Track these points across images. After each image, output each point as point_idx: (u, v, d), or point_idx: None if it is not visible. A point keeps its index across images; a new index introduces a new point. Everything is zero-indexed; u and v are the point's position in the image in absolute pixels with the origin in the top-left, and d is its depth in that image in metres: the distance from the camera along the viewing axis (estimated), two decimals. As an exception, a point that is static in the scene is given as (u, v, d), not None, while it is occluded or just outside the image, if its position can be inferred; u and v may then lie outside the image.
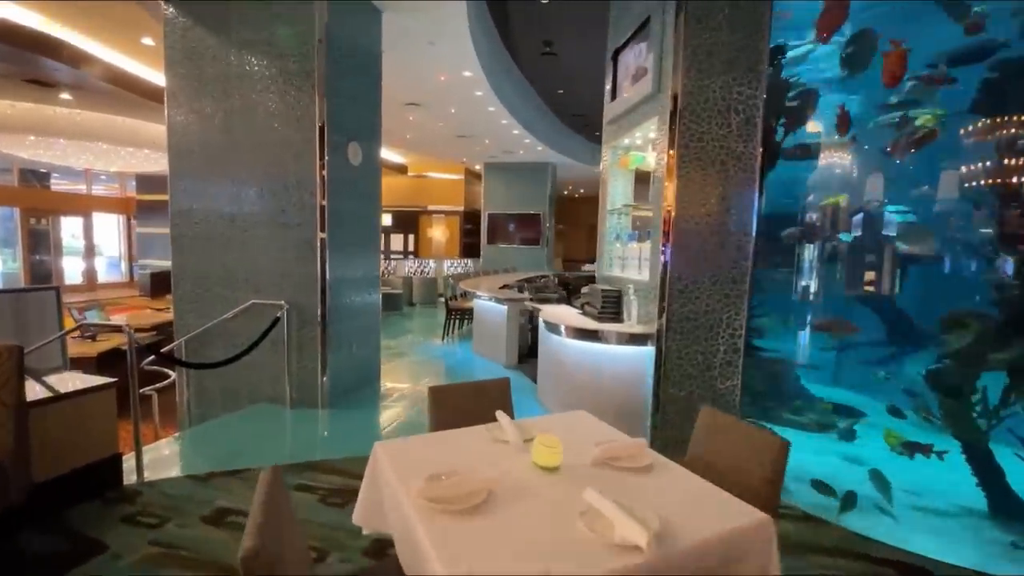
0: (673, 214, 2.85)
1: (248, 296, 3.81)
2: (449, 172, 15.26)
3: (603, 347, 3.25)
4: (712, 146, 2.82)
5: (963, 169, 2.81)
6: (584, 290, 4.14)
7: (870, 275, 3.28)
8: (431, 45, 5.56)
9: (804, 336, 3.62)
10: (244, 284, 3.84)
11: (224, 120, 3.77)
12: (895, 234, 3.12)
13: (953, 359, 2.72)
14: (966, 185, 2.81)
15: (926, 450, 2.79)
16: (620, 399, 3.19)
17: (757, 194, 2.84)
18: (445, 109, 8.05)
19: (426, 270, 11.96)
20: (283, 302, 3.78)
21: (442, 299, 10.67)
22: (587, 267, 15.24)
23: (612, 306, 3.51)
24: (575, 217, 19.92)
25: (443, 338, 7.04)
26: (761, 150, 2.82)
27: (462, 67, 6.27)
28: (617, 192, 3.89)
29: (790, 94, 3.28)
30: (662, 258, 2.89)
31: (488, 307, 5.79)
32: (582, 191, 18.46)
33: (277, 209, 3.79)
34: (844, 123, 3.23)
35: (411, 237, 16.35)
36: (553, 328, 3.52)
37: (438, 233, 16.07)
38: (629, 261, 3.74)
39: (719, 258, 2.86)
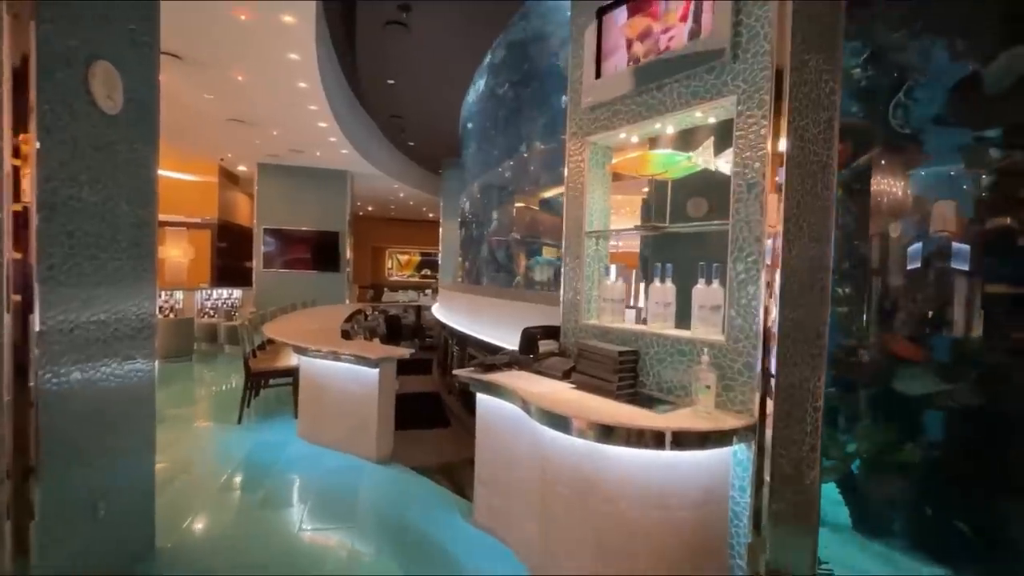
0: (779, 240, 1.88)
1: None
2: (194, 172, 11.34)
3: (652, 455, 1.98)
4: (814, 147, 1.98)
5: None
6: (548, 347, 2.82)
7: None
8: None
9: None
10: None
11: None
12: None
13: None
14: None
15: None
16: (685, 539, 1.99)
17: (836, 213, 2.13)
18: (225, 71, 5.46)
19: (174, 305, 8.29)
20: None
21: (212, 343, 7.54)
22: (398, 296, 13.45)
23: (629, 378, 2.31)
24: (358, 237, 17.72)
25: (240, 419, 4.50)
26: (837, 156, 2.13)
27: (277, 6, 4.15)
28: (595, 207, 2.75)
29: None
30: (766, 302, 1.88)
31: (334, 372, 3.79)
32: (370, 208, 16.48)
33: None
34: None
35: (129, 257, 11.51)
36: (559, 423, 2.07)
37: (177, 252, 11.75)
38: (617, 305, 2.62)
39: (822, 302, 2.03)
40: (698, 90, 2.15)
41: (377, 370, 3.59)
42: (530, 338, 2.90)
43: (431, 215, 17.80)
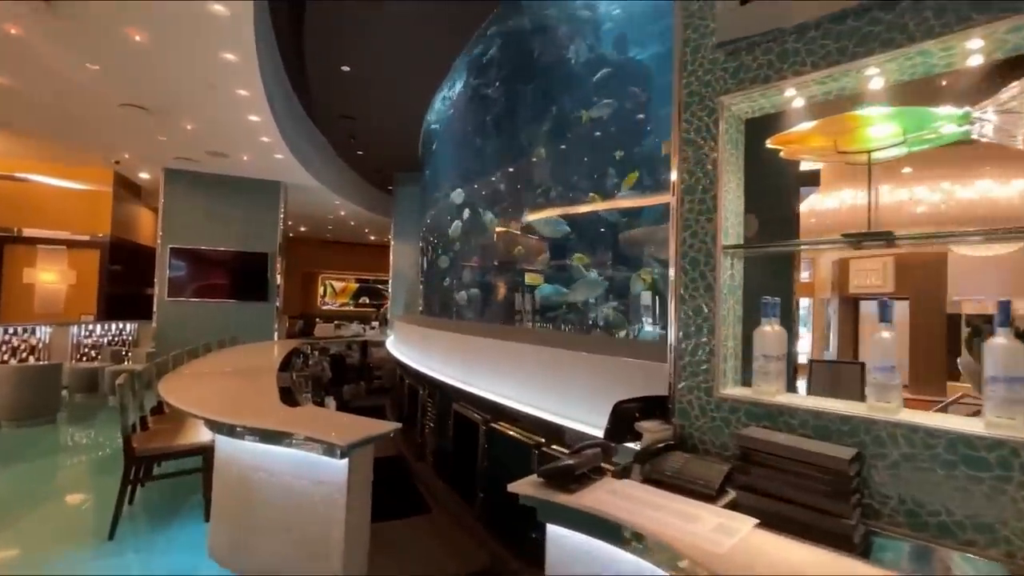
0: None
1: None
2: (80, 178, 9.24)
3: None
4: None
5: None
6: (655, 432, 1.72)
7: None
8: None
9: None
10: None
11: None
12: None
13: None
14: None
15: None
16: None
17: None
18: (115, 27, 3.99)
19: (37, 344, 6.25)
20: None
21: (91, 393, 5.72)
22: (341, 330, 11.74)
23: (857, 503, 1.28)
24: (287, 261, 15.74)
25: (114, 532, 2.92)
26: None
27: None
28: (730, 208, 1.73)
29: None
30: None
31: (274, 459, 2.43)
32: (303, 229, 14.68)
33: None
34: None
35: (-17, 283, 9.05)
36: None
37: (51, 277, 9.42)
38: (776, 364, 1.59)
39: None
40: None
41: (345, 461, 2.28)
42: (626, 418, 1.79)
43: (373, 237, 16.26)
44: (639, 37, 3.52)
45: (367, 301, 18.70)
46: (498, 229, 5.24)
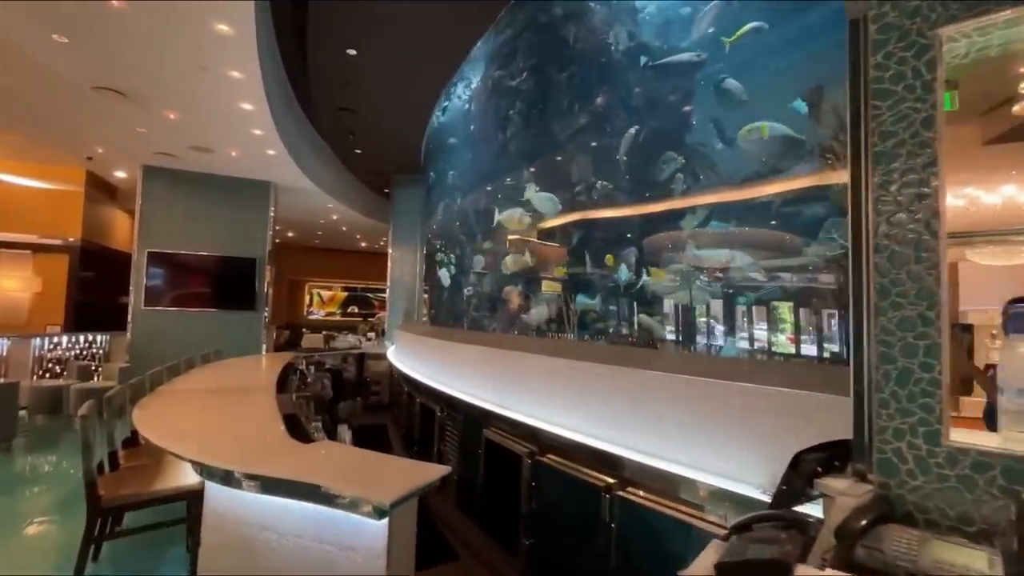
0: None
1: None
2: (47, 177, 8.49)
3: None
4: None
5: None
6: (847, 490, 1.22)
7: None
8: None
9: None
10: None
11: None
12: None
13: None
14: None
15: None
16: None
17: None
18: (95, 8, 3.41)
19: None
20: None
21: (55, 414, 5.09)
22: (335, 340, 11.05)
23: None
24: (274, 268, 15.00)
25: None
26: None
27: None
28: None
29: None
30: None
31: (283, 514, 1.87)
32: (291, 235, 13.97)
33: None
34: None
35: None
36: None
37: (13, 284, 8.59)
38: None
39: None
40: None
41: (385, 522, 1.73)
42: (807, 473, 1.29)
43: (364, 244, 15.62)
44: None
45: (356, 310, 17.97)
46: (512, 237, 4.72)
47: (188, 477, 2.54)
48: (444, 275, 5.40)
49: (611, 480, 2.28)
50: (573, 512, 2.49)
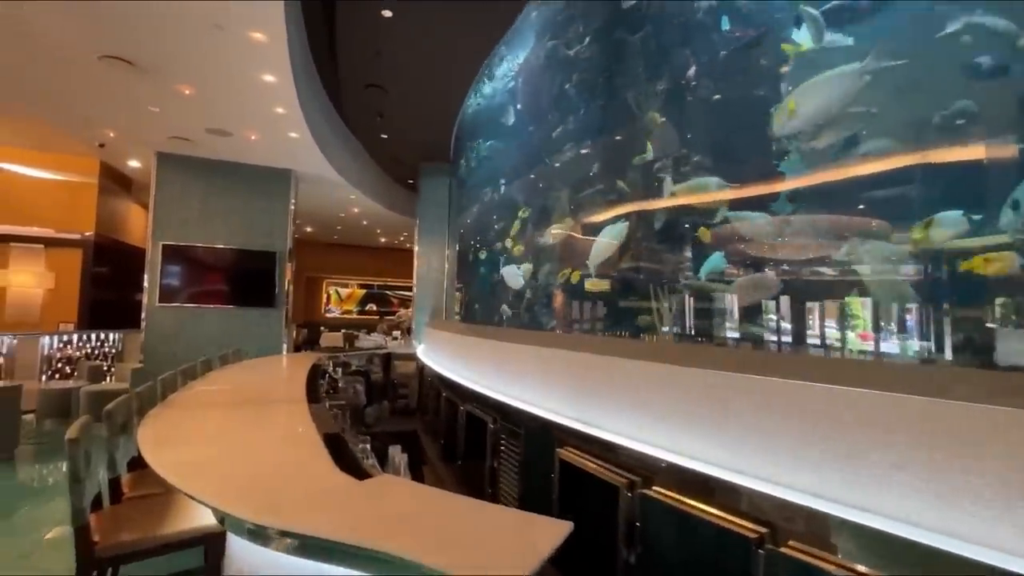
0: None
1: None
2: (61, 169, 8.10)
3: None
4: None
5: None
6: None
7: None
8: None
9: None
10: None
11: None
12: None
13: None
14: None
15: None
16: None
17: None
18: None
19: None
20: None
21: (63, 419, 4.64)
22: (359, 339, 10.57)
23: None
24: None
25: None
26: None
27: None
28: None
29: None
30: None
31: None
32: (309, 230, 13.53)
33: None
34: None
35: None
36: None
37: (25, 279, 8.22)
38: None
39: None
40: None
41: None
42: None
43: (384, 239, 15.13)
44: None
45: (374, 308, 17.51)
46: (556, 232, 4.11)
47: (207, 515, 1.99)
48: (511, 272, 4.71)
49: (763, 529, 1.68)
50: (698, 564, 1.89)
